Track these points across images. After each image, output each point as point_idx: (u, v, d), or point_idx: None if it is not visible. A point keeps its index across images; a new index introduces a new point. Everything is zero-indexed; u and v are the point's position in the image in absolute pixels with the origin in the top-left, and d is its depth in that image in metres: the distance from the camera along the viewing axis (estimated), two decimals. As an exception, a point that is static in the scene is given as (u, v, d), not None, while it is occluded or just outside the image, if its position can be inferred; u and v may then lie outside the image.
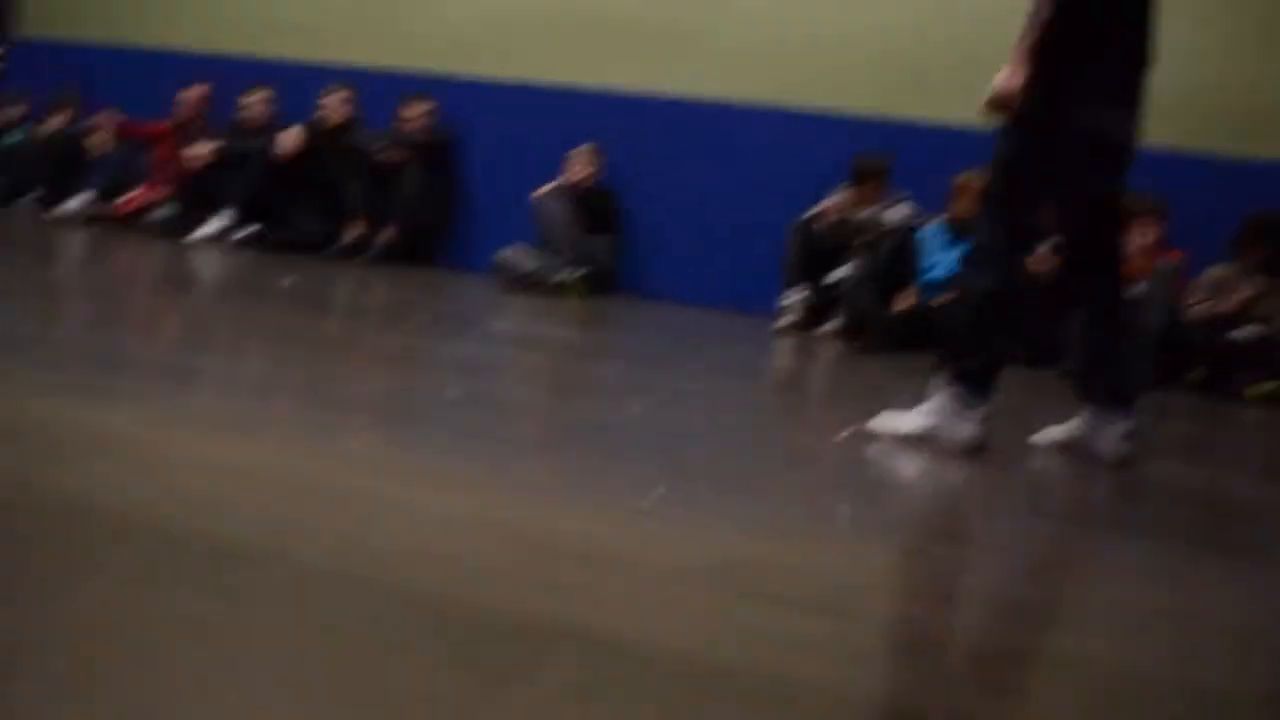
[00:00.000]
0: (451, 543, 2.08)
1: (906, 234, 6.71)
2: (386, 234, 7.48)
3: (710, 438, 3.44)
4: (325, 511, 2.17)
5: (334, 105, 7.82)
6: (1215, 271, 6.21)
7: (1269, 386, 5.87)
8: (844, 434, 3.52)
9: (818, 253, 6.77)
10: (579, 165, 7.32)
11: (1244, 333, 5.99)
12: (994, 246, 3.63)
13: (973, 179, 6.61)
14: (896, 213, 6.73)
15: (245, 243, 7.52)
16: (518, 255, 7.16)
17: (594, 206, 7.26)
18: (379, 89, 7.83)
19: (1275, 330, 6.01)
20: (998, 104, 3.52)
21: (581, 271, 6.97)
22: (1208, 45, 6.43)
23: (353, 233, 7.51)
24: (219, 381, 3.42)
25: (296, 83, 7.96)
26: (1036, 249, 4.36)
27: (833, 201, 6.87)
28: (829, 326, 6.45)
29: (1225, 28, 6.63)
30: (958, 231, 6.71)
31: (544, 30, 7.81)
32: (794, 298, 6.62)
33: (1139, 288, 6.12)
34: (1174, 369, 5.93)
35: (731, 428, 3.71)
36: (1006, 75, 3.50)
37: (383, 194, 7.57)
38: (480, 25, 7.92)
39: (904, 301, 6.56)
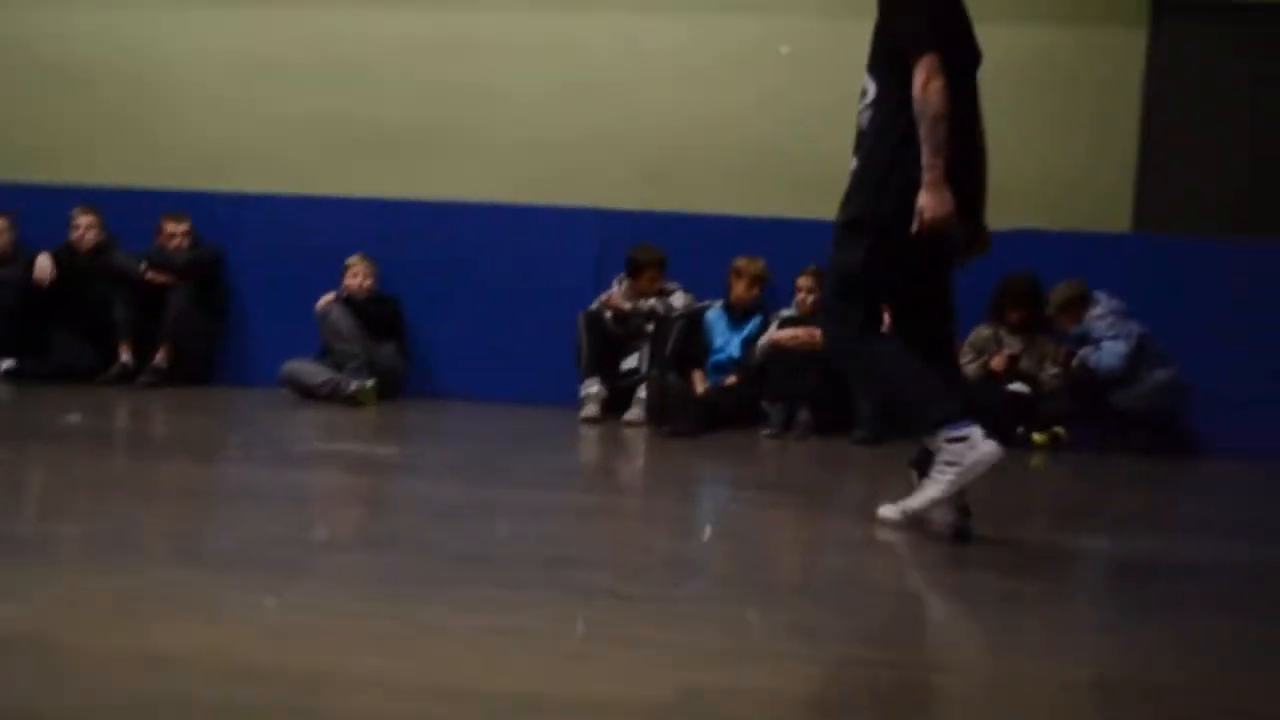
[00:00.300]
0: (405, 713, 2.04)
1: (693, 319, 6.95)
2: (160, 356, 7.19)
3: (594, 554, 3.47)
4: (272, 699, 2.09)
5: (85, 227, 7.47)
6: (980, 332, 6.69)
7: (1044, 434, 6.36)
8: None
9: (607, 342, 6.92)
10: (356, 273, 7.24)
11: (1016, 387, 6.47)
12: (856, 327, 3.79)
13: (748, 263, 6.97)
14: (679, 299, 6.97)
15: (4, 377, 7.08)
16: (305, 367, 7.02)
17: (375, 313, 7.20)
18: (131, 208, 7.56)
19: (1040, 384, 6.53)
20: (941, 227, 3.61)
21: (373, 380, 6.87)
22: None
23: (122, 358, 7.20)
24: (59, 545, 3.22)
25: (39, 208, 7.59)
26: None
27: (616, 291, 7.05)
28: (632, 414, 6.57)
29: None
30: (737, 314, 7.01)
31: (305, 140, 7.75)
32: (593, 388, 6.73)
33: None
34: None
35: (609, 540, 3.74)
36: (935, 200, 3.57)
37: (149, 315, 7.29)
38: (236, 139, 7.79)
39: (699, 383, 6.80)
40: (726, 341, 6.98)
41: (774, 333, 6.70)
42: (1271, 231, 6.90)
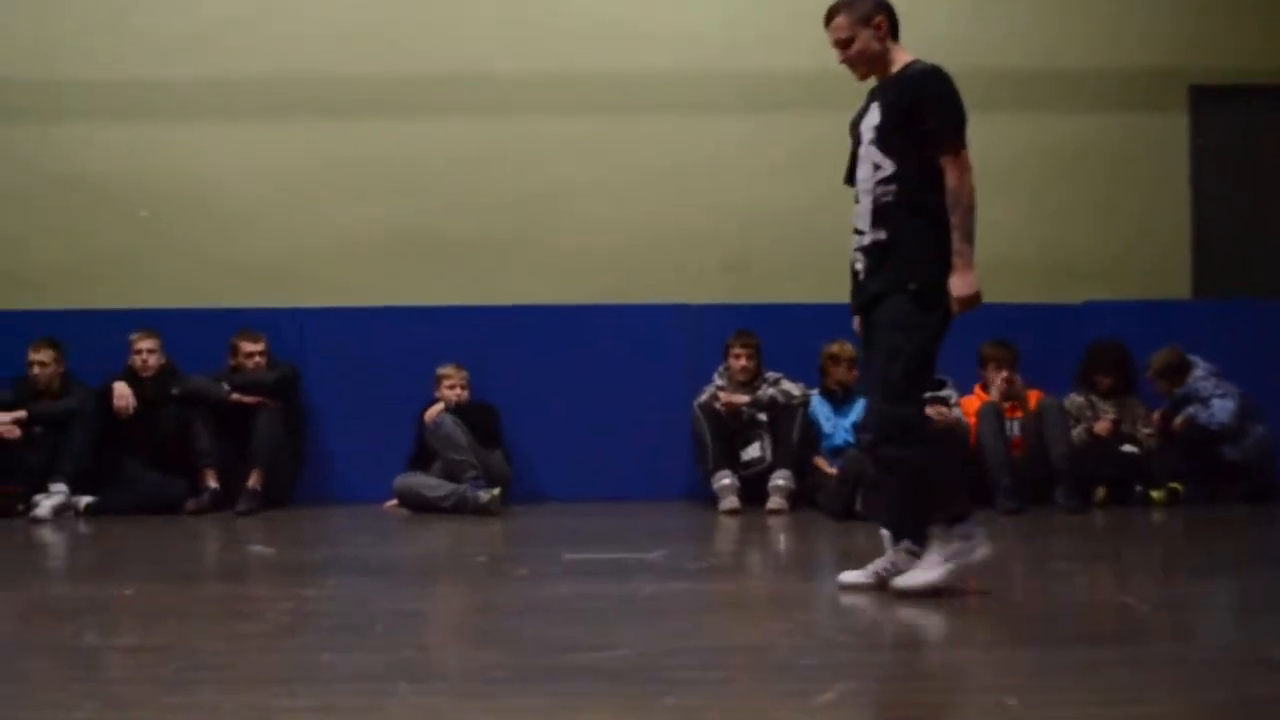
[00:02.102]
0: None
1: (803, 406, 7.07)
2: (252, 480, 6.84)
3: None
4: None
5: (146, 352, 7.10)
6: (1073, 399, 7.04)
7: (1162, 492, 6.71)
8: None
9: (727, 433, 6.97)
10: (454, 383, 7.10)
11: (1128, 449, 6.83)
12: (915, 422, 3.98)
13: (841, 348, 7.15)
14: (794, 387, 7.08)
15: (88, 513, 6.63)
16: (424, 480, 6.83)
17: (477, 421, 7.05)
18: (180, 329, 7.24)
19: (1143, 444, 6.91)
20: (969, 308, 3.91)
21: (498, 488, 6.72)
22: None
23: (210, 484, 6.83)
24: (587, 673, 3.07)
25: (76, 334, 7.16)
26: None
27: (719, 384, 7.12)
28: (775, 503, 6.62)
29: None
30: (839, 398, 7.18)
31: (366, 253, 7.63)
32: (726, 479, 6.75)
33: (1026, 421, 6.86)
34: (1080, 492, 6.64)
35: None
36: (966, 282, 3.86)
37: (228, 439, 6.97)
38: (292, 254, 7.60)
39: (826, 468, 6.89)
40: (835, 426, 7.12)
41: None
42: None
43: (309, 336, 7.43)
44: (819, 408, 7.18)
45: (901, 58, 4.12)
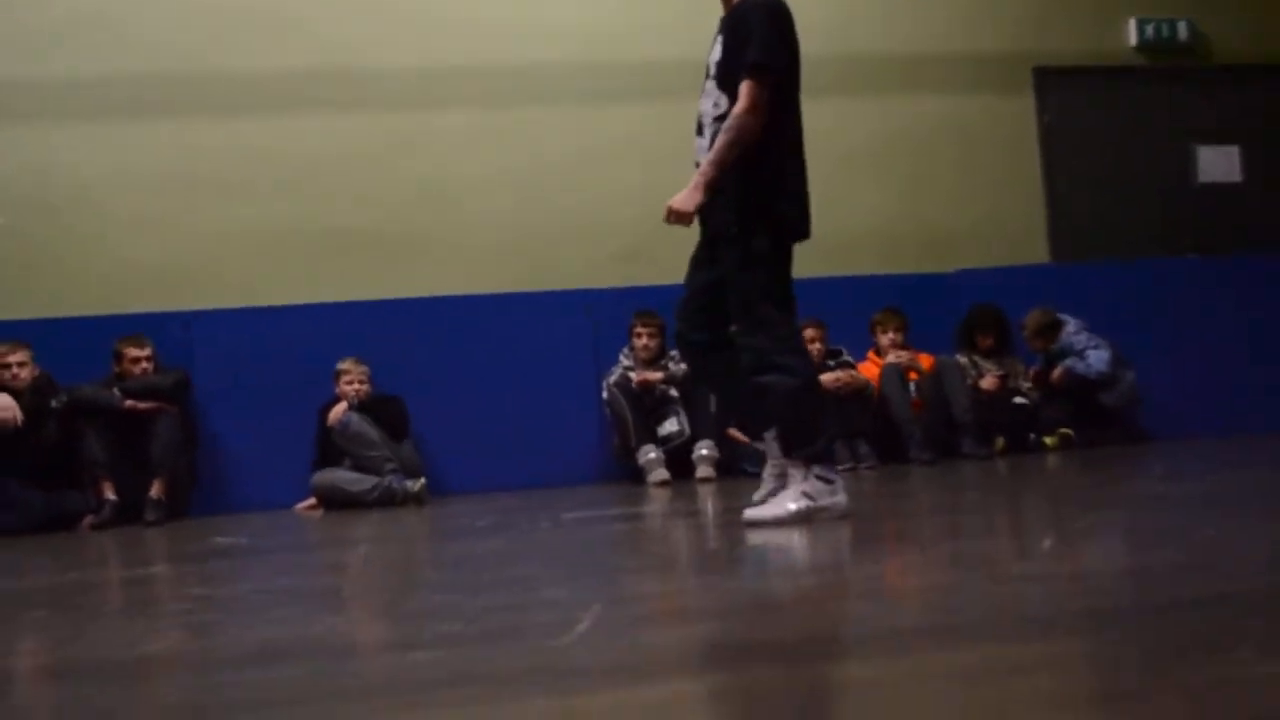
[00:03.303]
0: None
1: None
2: (155, 490, 6.46)
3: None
4: None
5: (16, 365, 6.60)
6: (957, 360, 7.44)
7: (1055, 438, 7.17)
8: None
9: (642, 410, 7.05)
10: (352, 378, 6.90)
11: (1019, 400, 7.27)
12: (792, 340, 4.00)
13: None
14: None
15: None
16: (345, 475, 6.61)
17: (385, 415, 6.88)
18: (52, 340, 6.79)
19: (1029, 397, 7.37)
20: (678, 220, 3.93)
21: (422, 479, 6.57)
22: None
23: (108, 496, 6.41)
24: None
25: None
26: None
27: (625, 363, 7.19)
28: (704, 471, 6.74)
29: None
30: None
31: (252, 253, 7.32)
32: (652, 453, 6.83)
33: (922, 381, 7.23)
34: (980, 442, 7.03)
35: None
36: (690, 199, 3.88)
37: (124, 449, 6.57)
38: (172, 258, 7.22)
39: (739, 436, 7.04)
40: (740, 399, 7.30)
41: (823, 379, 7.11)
42: (1163, 252, 8.23)
43: (198, 340, 7.09)
44: (722, 382, 7.36)
45: None
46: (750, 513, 3.92)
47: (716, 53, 4.07)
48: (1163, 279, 8.02)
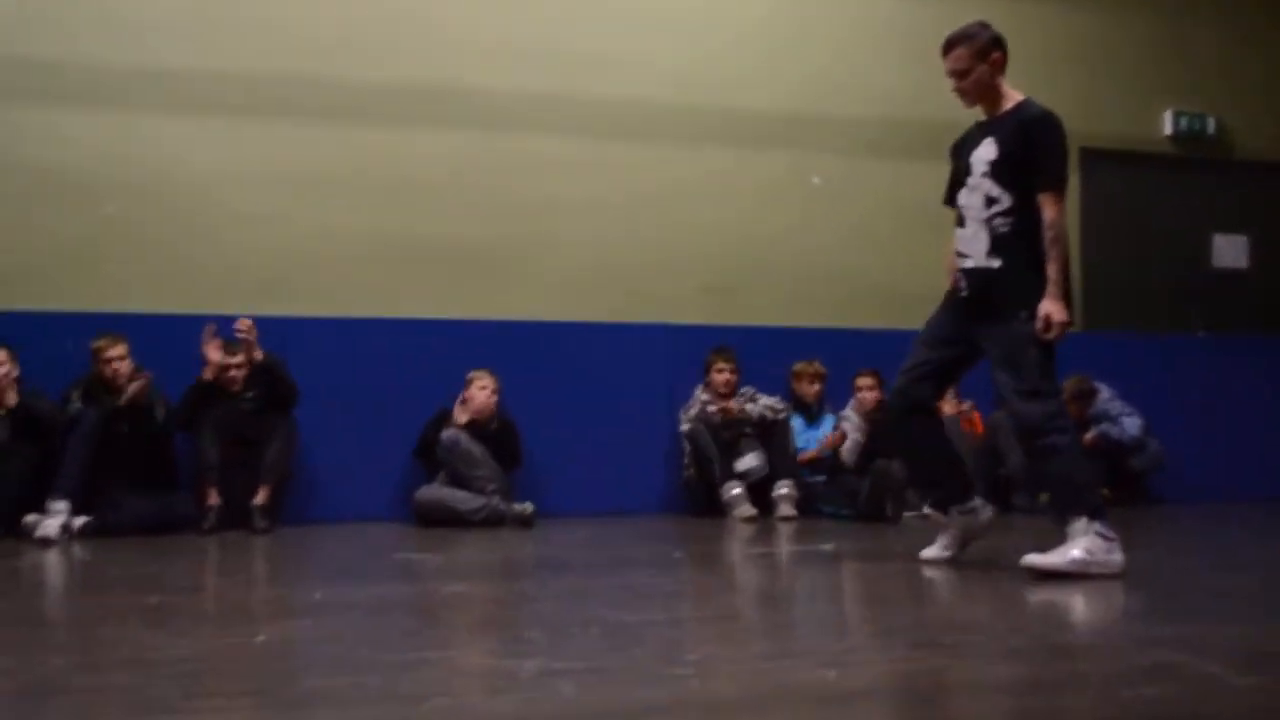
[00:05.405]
0: None
1: (789, 419, 7.60)
2: (260, 496, 6.56)
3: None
4: None
5: (116, 359, 6.59)
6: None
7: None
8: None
9: (723, 446, 7.37)
10: (485, 385, 7.02)
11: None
12: (1060, 408, 4.45)
13: (806, 365, 7.79)
14: (774, 400, 7.57)
15: (84, 534, 6.09)
16: (453, 494, 6.77)
17: (498, 437, 7.03)
18: (151, 336, 6.81)
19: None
20: (1061, 331, 4.31)
21: (530, 504, 6.77)
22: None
23: (211, 501, 6.47)
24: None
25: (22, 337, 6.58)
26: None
27: (704, 399, 7.50)
28: (785, 510, 7.12)
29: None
30: (809, 413, 7.78)
31: (357, 259, 7.42)
32: (735, 489, 7.15)
33: (976, 438, 7.72)
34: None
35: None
36: (1059, 308, 4.30)
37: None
38: (279, 259, 7.29)
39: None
40: (807, 440, 7.70)
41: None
42: (1175, 328, 8.93)
43: (293, 346, 7.15)
44: (793, 421, 7.73)
45: (1012, 95, 4.56)
46: (1031, 559, 4.28)
47: (990, 151, 4.46)
48: (1174, 352, 8.72)
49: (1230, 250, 9.15)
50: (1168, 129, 9.00)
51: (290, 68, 7.35)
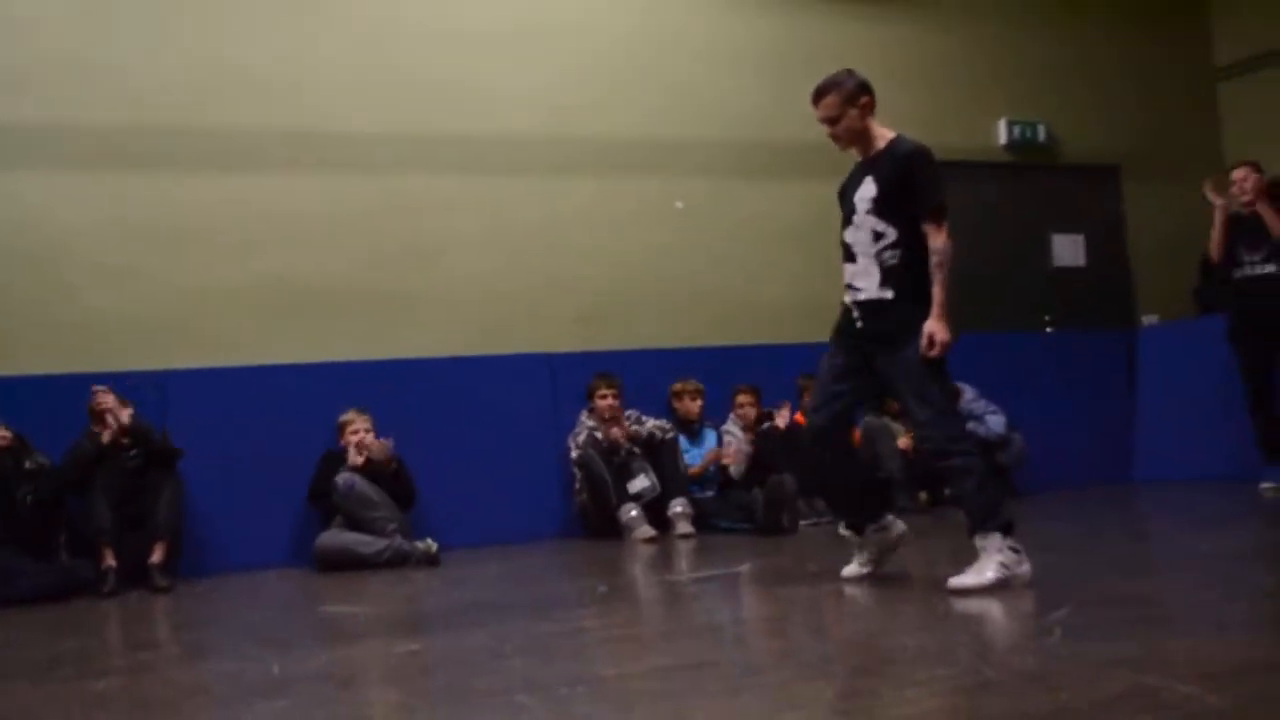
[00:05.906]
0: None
1: (675, 437, 7.76)
2: (156, 554, 6.39)
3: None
4: None
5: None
6: (870, 421, 8.29)
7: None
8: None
9: (614, 469, 7.48)
10: (357, 428, 6.98)
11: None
12: (960, 429, 4.75)
13: (684, 384, 7.99)
14: (657, 421, 7.73)
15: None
16: (355, 537, 6.70)
17: (393, 477, 7.03)
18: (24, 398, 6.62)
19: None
20: (945, 349, 4.45)
21: (432, 540, 6.75)
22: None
23: (108, 563, 6.27)
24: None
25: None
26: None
27: (589, 424, 7.62)
28: (683, 528, 7.26)
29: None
30: (691, 431, 7.97)
31: (233, 309, 7.34)
32: (633, 512, 7.27)
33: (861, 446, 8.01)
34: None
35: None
36: (942, 327, 4.44)
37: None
38: (152, 313, 7.15)
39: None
40: (692, 458, 7.87)
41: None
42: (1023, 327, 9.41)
43: (171, 399, 7.00)
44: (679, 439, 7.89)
45: (884, 133, 4.73)
46: (955, 580, 4.44)
47: (871, 189, 4.63)
48: (1024, 349, 9.23)
49: (1069, 249, 9.73)
50: (1003, 138, 9.53)
51: (152, 119, 7.21)
